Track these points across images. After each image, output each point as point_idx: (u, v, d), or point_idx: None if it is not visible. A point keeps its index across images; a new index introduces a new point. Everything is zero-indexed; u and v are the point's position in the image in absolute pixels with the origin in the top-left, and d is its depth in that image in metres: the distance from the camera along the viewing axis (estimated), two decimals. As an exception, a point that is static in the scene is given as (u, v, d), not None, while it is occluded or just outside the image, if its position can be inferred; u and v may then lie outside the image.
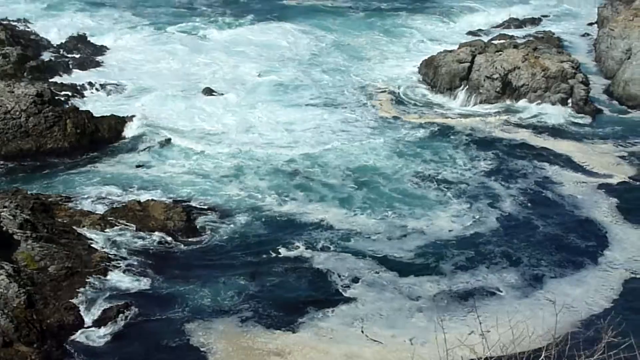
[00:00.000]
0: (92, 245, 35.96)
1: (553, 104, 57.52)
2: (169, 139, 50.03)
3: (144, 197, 41.67)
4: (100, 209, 40.25)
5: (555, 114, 56.58)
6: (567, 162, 48.88)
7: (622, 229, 40.87)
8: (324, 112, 55.95)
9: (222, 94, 58.81)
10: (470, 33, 76.79)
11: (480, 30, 78.54)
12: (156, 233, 38.17)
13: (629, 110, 58.93)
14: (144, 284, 33.85)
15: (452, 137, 52.15)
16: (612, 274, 36.61)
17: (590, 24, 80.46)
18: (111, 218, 38.83)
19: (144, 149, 48.85)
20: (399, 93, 61.15)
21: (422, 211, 41.82)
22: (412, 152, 49.41)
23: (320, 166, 46.73)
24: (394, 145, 50.35)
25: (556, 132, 53.98)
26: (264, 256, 37.02)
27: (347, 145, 49.92)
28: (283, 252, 37.31)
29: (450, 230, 40.05)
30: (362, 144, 50.19)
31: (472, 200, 43.16)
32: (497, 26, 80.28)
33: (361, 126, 53.45)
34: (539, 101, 57.68)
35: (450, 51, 63.82)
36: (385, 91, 61.32)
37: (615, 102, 60.67)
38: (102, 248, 35.98)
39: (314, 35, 74.46)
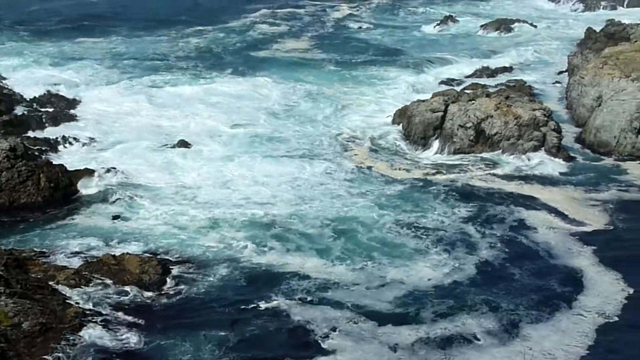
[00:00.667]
0: (67, 300, 35.64)
1: (526, 151, 57.91)
2: (143, 193, 49.84)
3: (119, 250, 41.61)
4: (75, 264, 40.07)
5: (530, 162, 57.10)
6: (542, 209, 49.36)
7: (594, 274, 41.33)
8: (300, 164, 55.98)
9: (197, 147, 58.85)
10: (442, 83, 77.40)
11: (452, 79, 79.25)
12: (132, 287, 37.93)
13: (601, 157, 59.58)
14: (121, 339, 33.51)
15: (428, 187, 52.37)
16: (586, 318, 37.01)
17: (561, 72, 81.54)
18: (86, 272, 38.58)
19: (119, 202, 48.72)
20: (373, 143, 61.61)
21: (402, 260, 41.96)
22: (389, 202, 49.53)
23: (299, 217, 46.60)
24: (371, 195, 50.52)
25: (531, 179, 54.47)
26: (243, 308, 36.88)
27: (325, 198, 49.81)
28: (262, 304, 37.20)
29: (429, 279, 40.19)
30: (340, 196, 50.18)
31: (451, 248, 43.43)
32: (469, 75, 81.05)
33: (338, 177, 53.55)
34: (513, 149, 58.04)
35: (424, 101, 64.44)
36: (360, 141, 61.81)
37: (587, 149, 61.29)
38: (77, 303, 35.63)
39: (289, 87, 75.03)
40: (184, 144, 58.98)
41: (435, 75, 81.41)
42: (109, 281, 38.07)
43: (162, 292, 38.05)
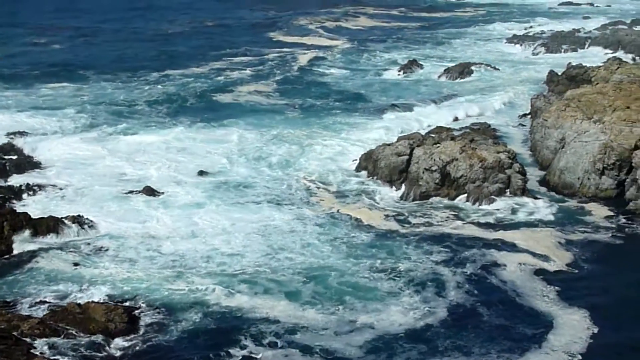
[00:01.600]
0: (32, 350, 35.24)
1: (492, 194, 58.44)
2: (108, 241, 49.66)
3: (84, 298, 41.36)
4: (40, 313, 39.76)
5: (497, 205, 57.74)
6: (510, 250, 49.93)
7: (561, 314, 41.95)
8: (269, 210, 55.92)
9: (163, 194, 58.71)
10: (407, 125, 77.81)
11: (419, 121, 79.93)
12: (98, 335, 37.65)
13: (565, 198, 60.45)
14: (89, 389, 33.17)
15: (398, 231, 52.58)
16: (555, 358, 37.59)
17: (524, 115, 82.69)
18: (51, 322, 38.26)
19: (84, 250, 48.47)
20: (340, 187, 61.93)
21: (374, 304, 42.15)
22: (360, 247, 49.65)
23: (269, 267, 46.35)
24: (340, 241, 50.58)
25: (499, 222, 55.04)
26: (212, 355, 36.78)
27: (296, 245, 49.64)
28: (232, 350, 37.15)
29: (400, 324, 40.38)
30: (310, 244, 50.05)
31: (423, 291, 43.75)
32: (436, 117, 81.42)
33: (308, 224, 53.41)
34: (479, 192, 58.54)
35: (389, 144, 65.01)
36: (326, 186, 62.05)
37: (551, 191, 62.09)
38: (43, 353, 35.33)
39: (255, 132, 75.04)
40: (149, 190, 58.83)
41: (399, 119, 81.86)
42: (74, 330, 37.78)
43: (130, 340, 37.82)
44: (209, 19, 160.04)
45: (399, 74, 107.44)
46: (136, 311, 40.43)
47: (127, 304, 40.95)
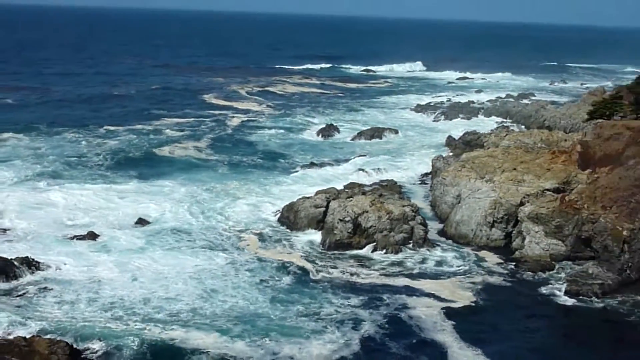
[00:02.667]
0: (-21, 380, 33.98)
1: (397, 243, 58.88)
2: (53, 284, 48.42)
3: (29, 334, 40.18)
4: (-13, 346, 38.41)
5: (403, 255, 58.23)
6: (419, 294, 50.46)
7: (457, 348, 42.78)
8: (203, 255, 55.46)
9: (105, 239, 57.67)
10: (324, 180, 78.04)
11: (334, 178, 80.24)
12: (42, 367, 36.59)
13: (462, 247, 61.22)
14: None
15: (317, 276, 52.70)
16: None
17: (426, 174, 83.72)
18: (-2, 354, 37.01)
19: (30, 290, 47.17)
20: (265, 234, 61.77)
21: (297, 339, 42.29)
22: (284, 290, 49.65)
23: (203, 310, 45.76)
24: (266, 284, 50.53)
25: (407, 269, 55.52)
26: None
27: (227, 289, 49.18)
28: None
29: (318, 354, 40.75)
30: (240, 287, 49.74)
31: (342, 329, 44.15)
32: (349, 174, 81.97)
33: (238, 267, 53.13)
34: (386, 241, 58.94)
35: (308, 197, 65.23)
36: (252, 234, 61.87)
37: (449, 240, 62.87)
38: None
39: (190, 186, 74.39)
40: (92, 235, 57.81)
41: (317, 175, 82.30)
42: (19, 362, 36.71)
43: (71, 371, 36.98)
44: (153, 84, 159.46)
45: (317, 136, 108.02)
46: (77, 345, 39.48)
47: (68, 340, 39.85)
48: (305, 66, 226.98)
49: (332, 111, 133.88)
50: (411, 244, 59.57)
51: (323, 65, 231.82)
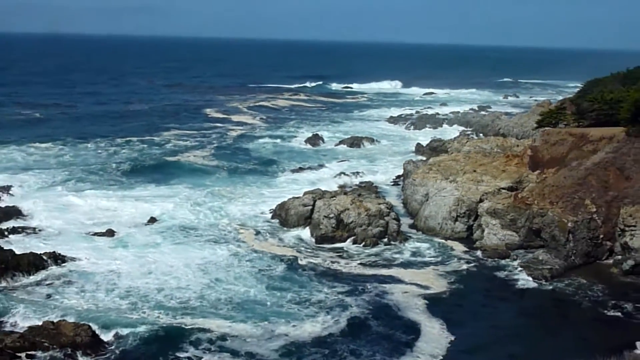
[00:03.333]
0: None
1: (375, 236, 58.84)
2: (76, 277, 47.91)
3: (57, 318, 39.96)
4: (21, 329, 38.38)
5: (381, 248, 58.16)
6: (395, 281, 50.37)
7: (428, 325, 42.93)
8: (209, 248, 55.09)
9: (122, 235, 57.39)
10: (312, 184, 77.99)
11: (320, 180, 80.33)
12: (67, 348, 36.46)
13: (430, 238, 61.28)
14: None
15: (306, 268, 52.19)
16: (422, 358, 38.67)
17: (399, 176, 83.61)
18: (29, 336, 36.99)
19: (55, 283, 46.95)
20: (262, 229, 61.63)
21: (292, 320, 42.29)
22: (278, 278, 49.35)
23: (208, 298, 45.41)
24: (263, 273, 50.30)
25: (385, 260, 55.33)
26: (161, 358, 36.89)
27: (230, 277, 48.97)
28: (177, 353, 37.46)
29: (310, 333, 40.72)
30: (241, 275, 49.48)
31: (331, 311, 44.08)
32: (333, 177, 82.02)
33: (238, 259, 52.80)
34: (365, 234, 58.91)
35: (297, 197, 65.16)
36: (250, 228, 61.68)
37: (419, 233, 62.91)
38: (23, 361, 33.86)
39: (195, 189, 73.96)
40: (110, 232, 57.50)
41: (304, 178, 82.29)
42: (48, 343, 36.56)
43: (93, 352, 36.99)
44: (163, 101, 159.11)
45: (305, 144, 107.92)
46: (98, 329, 39.24)
47: (90, 324, 39.59)
48: (295, 85, 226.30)
49: (317, 122, 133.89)
50: (387, 237, 59.59)
51: (311, 84, 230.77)
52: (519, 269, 53.12)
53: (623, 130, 60.47)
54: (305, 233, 61.03)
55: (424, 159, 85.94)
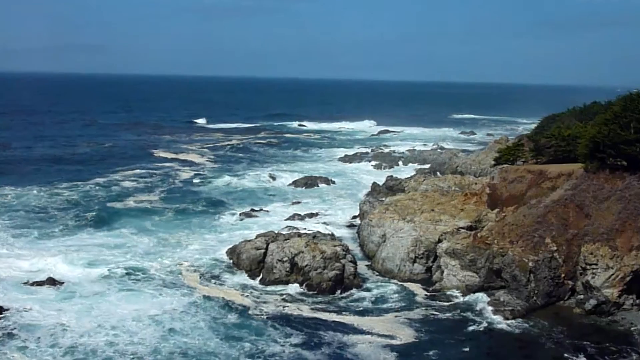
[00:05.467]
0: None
1: (330, 279, 58.40)
2: (21, 331, 46.32)
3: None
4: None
5: (334, 295, 57.51)
6: (355, 330, 49.60)
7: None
8: (158, 296, 54.06)
9: (62, 284, 55.94)
10: (264, 226, 77.42)
11: (273, 222, 79.82)
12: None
13: (389, 280, 61.29)
14: None
15: (260, 315, 51.57)
16: None
17: (355, 217, 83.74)
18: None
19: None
20: (211, 275, 60.92)
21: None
22: (232, 329, 48.56)
23: (162, 349, 44.60)
24: (218, 321, 49.65)
25: (340, 307, 54.84)
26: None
27: (185, 327, 48.11)
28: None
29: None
30: (195, 325, 48.67)
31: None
32: (286, 219, 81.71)
33: (191, 307, 51.95)
34: (320, 278, 58.50)
35: (249, 240, 64.67)
36: (202, 274, 60.92)
37: (377, 275, 62.82)
38: None
39: (143, 233, 73.13)
40: (51, 281, 55.99)
41: (256, 220, 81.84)
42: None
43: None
44: (108, 140, 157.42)
45: (257, 184, 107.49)
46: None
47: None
48: (247, 124, 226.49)
49: (270, 162, 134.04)
50: (343, 281, 59.25)
51: (264, 123, 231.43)
52: (481, 310, 53.29)
53: (581, 167, 61.73)
54: (258, 277, 60.43)
55: (381, 199, 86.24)
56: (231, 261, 63.90)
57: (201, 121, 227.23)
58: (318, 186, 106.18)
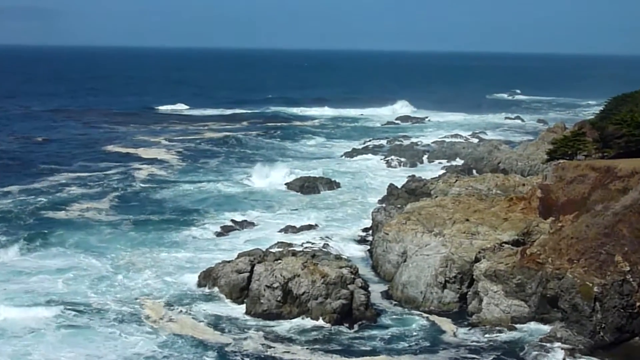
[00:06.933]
0: None
1: (335, 311, 58.21)
2: None
3: None
4: None
5: (340, 328, 57.41)
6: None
7: None
8: (111, 337, 53.78)
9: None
10: (249, 242, 77.28)
11: (260, 237, 79.65)
12: None
13: (410, 312, 61.03)
14: None
15: (242, 354, 51.59)
16: None
17: (366, 229, 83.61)
18: None
19: None
20: (180, 307, 60.59)
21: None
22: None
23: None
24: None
25: (348, 345, 54.68)
26: None
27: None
28: None
29: None
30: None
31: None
32: (277, 232, 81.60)
33: (155, 348, 52.00)
34: (322, 309, 58.33)
35: (229, 261, 64.54)
36: (169, 305, 60.72)
37: (395, 305, 62.70)
38: None
39: (94, 254, 72.78)
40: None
41: (236, 236, 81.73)
42: None
43: None
44: (47, 133, 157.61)
45: (239, 187, 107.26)
46: None
47: None
48: (223, 109, 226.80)
49: (256, 158, 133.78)
50: (352, 313, 59.07)
51: (250, 108, 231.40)
52: (532, 351, 53.05)
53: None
54: (242, 309, 60.33)
55: (400, 205, 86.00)
56: (206, 288, 63.78)
57: (170, 107, 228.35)
58: (319, 190, 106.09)
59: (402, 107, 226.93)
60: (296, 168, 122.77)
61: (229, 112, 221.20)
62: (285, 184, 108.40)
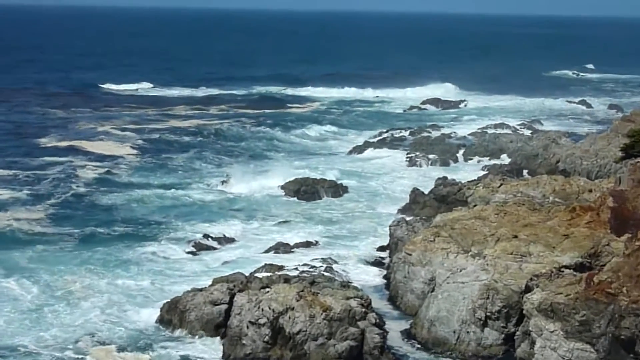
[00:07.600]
0: None
1: (341, 355, 58.20)
2: None
3: None
4: None
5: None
6: None
7: None
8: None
9: None
10: (227, 264, 77.25)
11: (242, 257, 79.85)
12: None
13: (438, 358, 60.88)
14: None
15: None
16: None
17: (382, 248, 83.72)
18: None
19: None
20: (140, 348, 60.80)
21: None
22: None
23: None
24: None
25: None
26: None
27: None
28: None
29: None
30: None
31: None
32: (264, 251, 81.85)
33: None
34: (323, 353, 58.34)
35: (201, 289, 64.40)
36: (121, 348, 60.69)
37: (420, 348, 62.64)
38: None
39: (23, 280, 72.60)
40: None
41: (211, 257, 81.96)
42: None
43: None
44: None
45: (215, 193, 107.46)
46: None
47: None
48: (205, 90, 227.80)
49: (238, 153, 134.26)
50: (362, 358, 59.10)
51: (230, 89, 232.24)
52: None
53: None
54: (218, 353, 60.35)
55: (426, 217, 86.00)
56: (170, 325, 63.78)
57: (125, 85, 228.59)
58: (319, 196, 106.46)
59: (436, 89, 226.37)
60: (293, 167, 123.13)
61: (202, 93, 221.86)
62: (279, 187, 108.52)
